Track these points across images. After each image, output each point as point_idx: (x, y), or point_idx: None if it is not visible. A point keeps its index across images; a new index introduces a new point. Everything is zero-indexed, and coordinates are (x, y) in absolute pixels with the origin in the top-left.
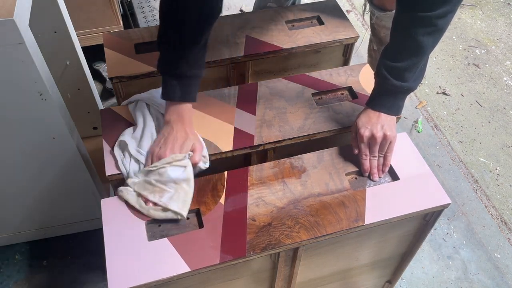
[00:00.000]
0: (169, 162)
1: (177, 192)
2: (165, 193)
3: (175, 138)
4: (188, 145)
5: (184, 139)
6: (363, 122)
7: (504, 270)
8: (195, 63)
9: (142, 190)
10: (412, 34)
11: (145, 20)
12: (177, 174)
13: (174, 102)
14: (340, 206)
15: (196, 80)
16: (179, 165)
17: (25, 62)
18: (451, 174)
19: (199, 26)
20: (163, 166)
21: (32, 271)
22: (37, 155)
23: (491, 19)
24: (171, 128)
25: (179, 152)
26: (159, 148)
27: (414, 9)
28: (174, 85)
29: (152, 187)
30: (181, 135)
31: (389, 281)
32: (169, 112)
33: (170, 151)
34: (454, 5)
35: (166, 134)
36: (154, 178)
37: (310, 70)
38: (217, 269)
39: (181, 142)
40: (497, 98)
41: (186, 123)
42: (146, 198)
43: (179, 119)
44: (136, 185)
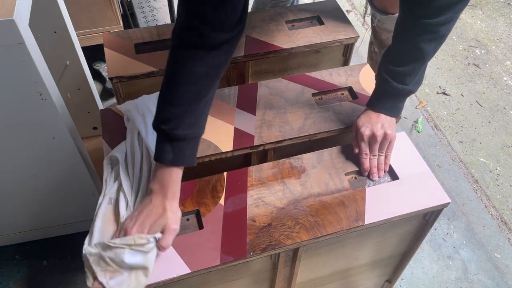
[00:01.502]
0: (129, 244)
1: (130, 278)
2: (117, 275)
3: (149, 213)
4: (160, 225)
5: (158, 217)
6: (363, 122)
7: (504, 270)
8: (195, 122)
9: (95, 265)
10: (415, 41)
11: (145, 20)
12: (136, 260)
13: (163, 166)
14: (340, 206)
15: (195, 140)
16: (140, 250)
17: (25, 62)
18: (451, 174)
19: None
20: (122, 246)
21: (32, 271)
22: (37, 155)
23: (491, 19)
24: (149, 200)
25: (147, 232)
26: (129, 220)
27: (417, 15)
28: (166, 147)
29: (105, 265)
30: (157, 211)
31: (388, 280)
32: (155, 179)
33: (137, 229)
34: (456, 12)
35: (143, 206)
36: (109, 256)
37: (310, 70)
38: (218, 270)
39: (153, 220)
40: (497, 98)
41: (168, 197)
42: (96, 276)
43: (160, 190)
44: (92, 256)
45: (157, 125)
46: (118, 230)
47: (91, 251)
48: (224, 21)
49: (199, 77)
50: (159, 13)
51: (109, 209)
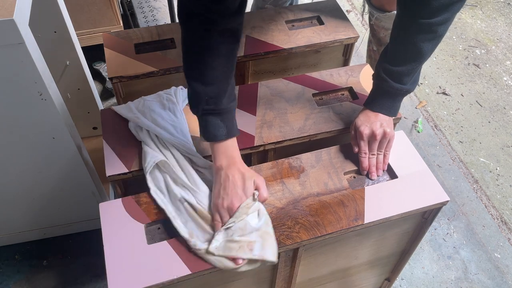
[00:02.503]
0: (245, 212)
1: (263, 239)
2: (253, 244)
3: (234, 183)
4: (250, 185)
5: (243, 181)
6: (362, 121)
7: (504, 270)
8: (231, 94)
9: (229, 252)
10: (412, 40)
11: (145, 20)
12: (256, 220)
13: (220, 142)
14: (339, 205)
15: (235, 111)
16: (254, 211)
17: (25, 62)
18: (451, 174)
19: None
20: (241, 218)
21: (32, 271)
22: (37, 155)
23: (491, 19)
24: (225, 175)
25: (245, 196)
26: (222, 200)
27: (415, 15)
28: (217, 124)
29: (237, 244)
30: (238, 178)
31: (388, 279)
32: (218, 157)
33: (236, 199)
34: (454, 12)
35: (223, 182)
36: (237, 234)
37: (310, 70)
38: (218, 271)
39: (242, 186)
40: (497, 98)
41: (238, 163)
42: (236, 257)
43: (230, 162)
44: (220, 249)
45: (201, 108)
46: (217, 216)
47: (215, 244)
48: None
49: (227, 55)
50: (159, 13)
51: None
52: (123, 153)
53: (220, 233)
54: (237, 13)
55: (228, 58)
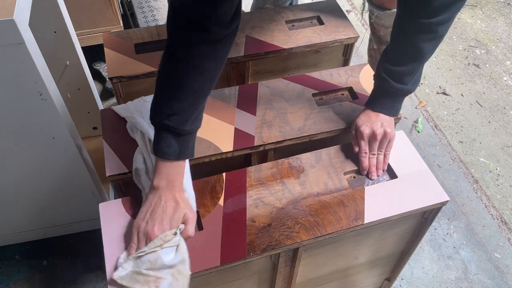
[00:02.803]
0: (160, 245)
1: (174, 277)
2: (161, 281)
3: (164, 209)
4: (179, 217)
5: (174, 210)
6: (363, 121)
7: (504, 270)
8: (198, 116)
9: (133, 284)
10: (413, 40)
11: (145, 20)
12: (171, 256)
13: (168, 160)
14: (339, 205)
15: (196, 132)
16: (171, 246)
17: (25, 62)
18: (451, 174)
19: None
20: (153, 250)
21: (32, 271)
22: (37, 155)
23: (491, 19)
24: (158, 197)
25: (169, 228)
26: (146, 223)
27: (415, 15)
28: (171, 142)
29: (144, 278)
30: (170, 204)
31: (388, 279)
32: (159, 175)
33: (158, 228)
34: (454, 12)
35: (153, 205)
36: (145, 267)
37: (310, 70)
38: (218, 271)
39: (171, 214)
40: (497, 98)
41: (176, 190)
42: None
43: (168, 185)
44: (124, 279)
45: (160, 120)
46: (135, 238)
47: (121, 274)
48: (225, 18)
49: (204, 71)
50: (159, 13)
51: None
52: (123, 153)
53: (129, 263)
54: (229, 26)
55: (208, 81)
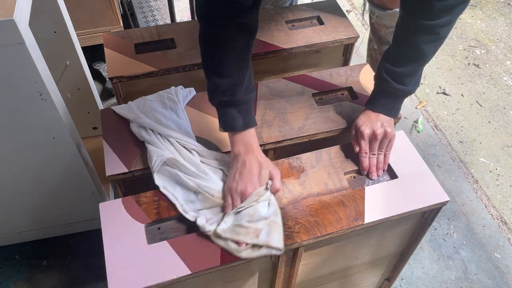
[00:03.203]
0: (255, 199)
1: (271, 227)
2: (260, 231)
3: (250, 170)
4: (265, 175)
5: (259, 169)
6: (363, 121)
7: (504, 270)
8: (249, 86)
9: (235, 236)
10: (415, 42)
11: (145, 20)
12: (265, 209)
13: (238, 132)
14: (339, 205)
15: (252, 102)
16: (265, 200)
17: (25, 62)
18: (451, 174)
19: (245, 50)
20: (251, 205)
21: (32, 271)
22: (37, 155)
23: (491, 19)
24: (242, 160)
25: (259, 184)
26: (237, 184)
27: (418, 17)
28: (234, 115)
29: (245, 230)
30: (255, 165)
31: (388, 279)
32: (236, 144)
33: (250, 186)
34: (456, 14)
35: (240, 167)
36: (245, 219)
37: (310, 70)
38: (218, 271)
39: (257, 173)
40: (497, 98)
41: (256, 152)
42: (243, 241)
43: (248, 149)
44: (227, 232)
45: (218, 98)
46: (229, 199)
47: (223, 227)
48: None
49: (243, 48)
50: (159, 13)
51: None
52: (123, 153)
53: (229, 217)
54: (253, 8)
55: (243, 52)
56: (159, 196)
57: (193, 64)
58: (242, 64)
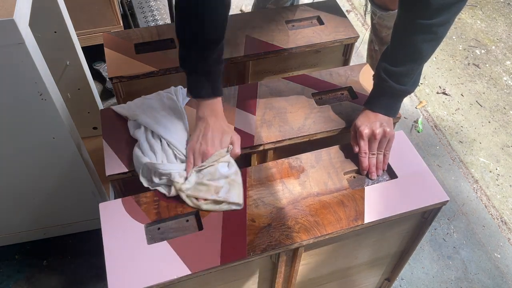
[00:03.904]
0: (216, 159)
1: (231, 185)
2: (220, 189)
3: (213, 132)
4: (227, 139)
5: (222, 133)
6: (362, 121)
7: (504, 270)
8: (219, 58)
9: (197, 193)
10: (413, 41)
11: (145, 20)
12: (225, 169)
13: (205, 99)
14: (339, 205)
15: (221, 74)
16: (225, 161)
17: (25, 62)
18: (451, 174)
19: (220, 20)
20: (212, 164)
21: (32, 271)
22: (37, 155)
23: (491, 19)
24: (206, 123)
25: (220, 147)
26: (200, 145)
27: (416, 16)
28: (203, 83)
29: (206, 187)
30: (218, 129)
31: (388, 278)
32: (202, 108)
33: (211, 147)
34: (454, 14)
35: (203, 129)
36: (206, 178)
37: (310, 70)
38: (218, 271)
39: (220, 137)
40: (497, 98)
41: (219, 117)
42: (203, 198)
43: (212, 113)
44: (189, 190)
45: (190, 66)
46: (191, 158)
47: (187, 186)
48: None
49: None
50: (159, 13)
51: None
52: (123, 153)
53: (192, 175)
54: None
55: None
56: (159, 196)
57: None
58: (216, 38)
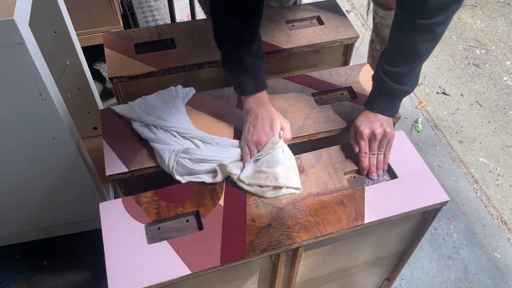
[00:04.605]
0: (271, 147)
1: (288, 170)
2: (278, 175)
3: (263, 121)
4: (277, 125)
5: (271, 121)
6: (362, 121)
7: (504, 270)
8: (258, 53)
9: (257, 180)
10: (411, 41)
11: (145, 20)
12: (281, 155)
13: (250, 94)
14: (339, 205)
15: (263, 68)
16: (279, 148)
17: (25, 62)
18: (451, 174)
19: (254, 19)
20: (268, 152)
21: (32, 271)
22: (37, 155)
23: (491, 19)
24: (255, 114)
25: (272, 134)
26: (252, 135)
27: (413, 15)
28: (246, 80)
29: (264, 175)
30: (267, 117)
31: (388, 279)
32: (248, 102)
33: (264, 136)
34: (452, 13)
35: (253, 121)
36: (264, 166)
37: (310, 70)
38: (218, 271)
39: (270, 124)
40: (497, 98)
41: (266, 106)
42: (263, 185)
43: (259, 104)
44: (249, 178)
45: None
46: (246, 149)
47: (246, 174)
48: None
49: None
50: (159, 13)
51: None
52: (123, 153)
53: (249, 165)
54: None
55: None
56: (159, 196)
57: (193, 64)
58: (254, 31)
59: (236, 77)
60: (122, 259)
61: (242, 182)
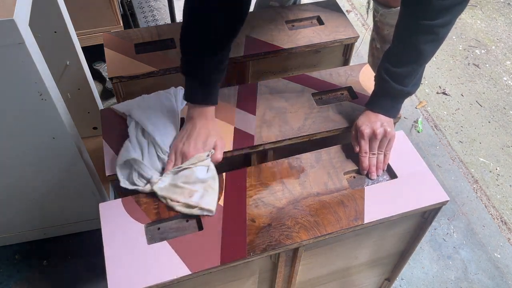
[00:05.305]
0: (194, 163)
1: (206, 190)
2: (194, 193)
3: (198, 134)
4: (211, 142)
5: (206, 136)
6: (363, 121)
7: (504, 270)
8: (219, 67)
9: (171, 194)
10: (414, 42)
11: (145, 20)
12: (203, 173)
13: (197, 104)
14: (339, 205)
15: (218, 84)
16: (203, 165)
17: (25, 62)
18: (451, 174)
19: (226, 33)
20: (189, 166)
21: (32, 271)
22: (37, 155)
23: (491, 19)
24: (193, 125)
25: (202, 150)
26: (182, 144)
27: (417, 17)
28: (196, 89)
29: (180, 190)
30: (204, 131)
31: (388, 279)
32: (191, 110)
33: (193, 149)
34: (456, 15)
35: (189, 130)
36: (181, 180)
37: (310, 70)
38: (218, 271)
39: (204, 139)
40: (497, 98)
41: (208, 120)
42: (176, 200)
43: (202, 116)
44: (163, 190)
45: (187, 70)
46: (173, 156)
47: (161, 185)
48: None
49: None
50: (159, 13)
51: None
52: None
53: (167, 176)
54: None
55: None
56: None
57: None
58: (222, 45)
59: (189, 83)
60: (122, 259)
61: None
